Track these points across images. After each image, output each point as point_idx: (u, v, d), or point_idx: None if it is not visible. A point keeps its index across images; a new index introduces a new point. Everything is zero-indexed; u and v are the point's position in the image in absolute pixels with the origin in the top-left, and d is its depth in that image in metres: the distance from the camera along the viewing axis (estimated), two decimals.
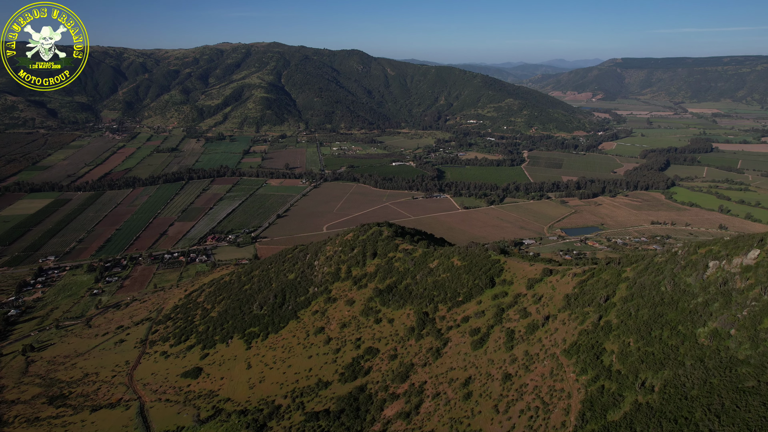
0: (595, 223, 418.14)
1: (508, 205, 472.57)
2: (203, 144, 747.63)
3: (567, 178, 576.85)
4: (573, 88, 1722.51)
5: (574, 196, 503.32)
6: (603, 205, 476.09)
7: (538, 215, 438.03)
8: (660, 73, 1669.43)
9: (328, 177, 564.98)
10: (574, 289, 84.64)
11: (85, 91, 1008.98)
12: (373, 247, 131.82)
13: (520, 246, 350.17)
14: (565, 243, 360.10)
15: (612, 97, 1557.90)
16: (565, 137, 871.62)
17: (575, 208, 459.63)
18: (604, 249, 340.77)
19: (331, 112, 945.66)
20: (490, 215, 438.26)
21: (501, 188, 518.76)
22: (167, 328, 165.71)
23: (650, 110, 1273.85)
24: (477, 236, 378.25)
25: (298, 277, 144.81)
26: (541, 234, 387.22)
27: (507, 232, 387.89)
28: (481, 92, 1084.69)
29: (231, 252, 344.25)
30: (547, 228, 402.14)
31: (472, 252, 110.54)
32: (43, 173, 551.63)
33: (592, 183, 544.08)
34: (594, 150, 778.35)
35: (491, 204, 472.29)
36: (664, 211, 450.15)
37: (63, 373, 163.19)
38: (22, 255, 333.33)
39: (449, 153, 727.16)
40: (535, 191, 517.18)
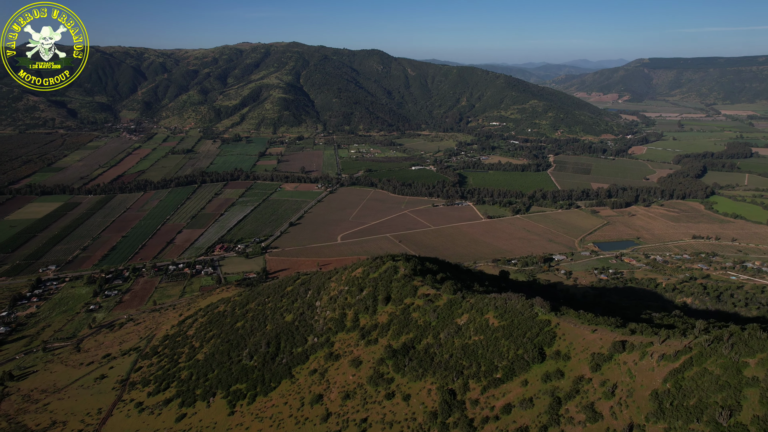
0: (631, 236, 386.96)
1: (535, 214, 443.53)
2: (219, 145, 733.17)
3: (597, 185, 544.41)
4: (598, 89, 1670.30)
5: (606, 206, 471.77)
6: (637, 215, 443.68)
7: (568, 227, 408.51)
8: (690, 73, 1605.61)
9: (345, 182, 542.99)
10: (666, 383, 59.79)
11: (105, 91, 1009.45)
12: (386, 289, 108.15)
13: (550, 262, 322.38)
14: (599, 259, 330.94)
15: (639, 98, 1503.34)
16: (592, 141, 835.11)
17: (607, 219, 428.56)
18: (643, 267, 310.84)
19: (350, 114, 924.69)
20: (516, 226, 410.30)
21: (527, 196, 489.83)
22: (151, 367, 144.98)
23: (680, 112, 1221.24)
24: (502, 250, 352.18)
25: (296, 320, 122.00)
26: (572, 248, 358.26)
27: (535, 246, 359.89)
28: (504, 93, 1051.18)
29: (239, 264, 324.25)
30: (578, 241, 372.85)
31: (512, 307, 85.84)
32: (56, 175, 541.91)
33: (624, 191, 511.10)
34: (624, 154, 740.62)
35: (516, 213, 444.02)
36: (705, 223, 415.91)
37: (32, 417, 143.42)
38: (23, 264, 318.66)
39: (471, 157, 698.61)
40: (563, 199, 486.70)
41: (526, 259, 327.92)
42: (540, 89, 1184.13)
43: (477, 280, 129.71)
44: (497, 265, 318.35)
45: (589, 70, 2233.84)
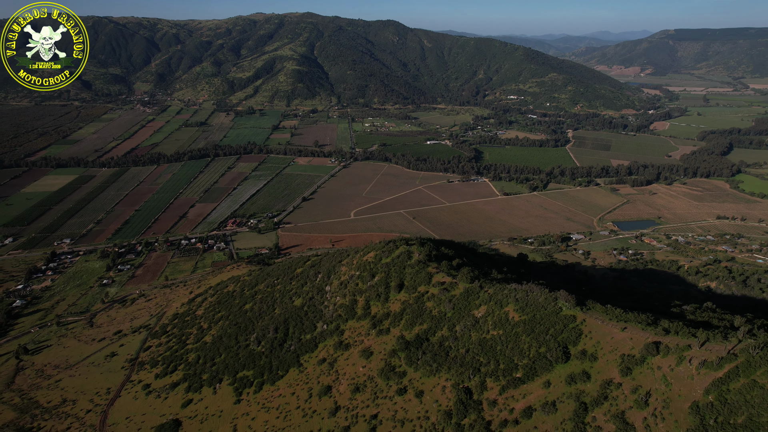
0: (651, 215, 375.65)
1: (553, 191, 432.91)
2: (232, 118, 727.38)
3: (617, 161, 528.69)
4: (620, 62, 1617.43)
5: (626, 183, 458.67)
6: (658, 194, 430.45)
7: (587, 205, 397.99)
8: (718, 45, 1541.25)
9: (359, 156, 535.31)
10: (708, 394, 53.93)
11: (119, 63, 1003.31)
12: (399, 275, 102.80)
13: (568, 242, 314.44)
14: (618, 239, 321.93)
15: (662, 71, 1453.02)
16: (612, 116, 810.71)
17: (627, 198, 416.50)
18: (664, 248, 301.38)
19: (365, 86, 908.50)
20: (533, 203, 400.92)
21: (544, 172, 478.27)
22: (159, 347, 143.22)
23: (706, 86, 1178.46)
24: (519, 228, 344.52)
25: (305, 305, 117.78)
26: (591, 227, 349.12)
27: (552, 224, 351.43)
28: (523, 66, 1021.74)
29: (251, 239, 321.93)
30: (597, 220, 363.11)
31: (534, 300, 79.92)
32: (71, 147, 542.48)
33: (645, 168, 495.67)
34: (645, 130, 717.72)
35: (534, 190, 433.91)
36: (730, 203, 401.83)
37: (44, 394, 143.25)
38: (39, 237, 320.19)
39: (488, 131, 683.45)
40: (582, 176, 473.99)
41: (543, 238, 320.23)
42: (559, 62, 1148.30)
43: (495, 265, 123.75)
44: (513, 243, 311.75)
45: (611, 42, 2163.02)
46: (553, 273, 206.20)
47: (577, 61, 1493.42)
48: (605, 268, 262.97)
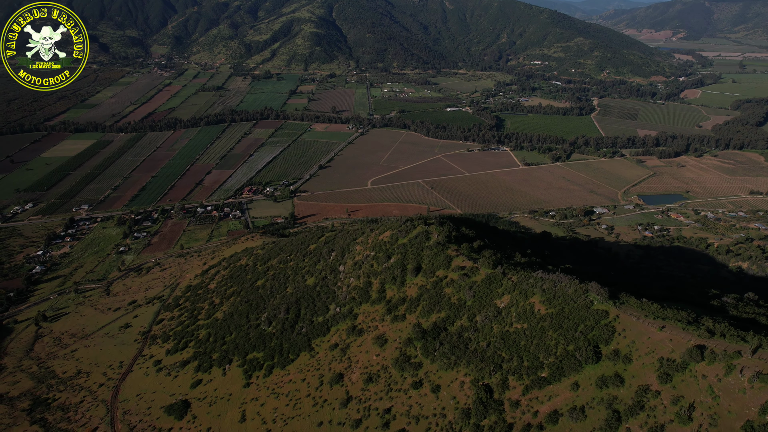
0: (679, 189, 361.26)
1: (576, 162, 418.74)
2: (249, 82, 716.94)
3: (644, 132, 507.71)
4: (650, 26, 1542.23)
5: (653, 155, 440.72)
6: (687, 166, 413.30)
7: (611, 177, 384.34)
8: (759, 6, 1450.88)
9: (377, 123, 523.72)
10: (766, 414, 47.79)
11: (136, 25, 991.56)
12: (416, 257, 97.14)
13: (591, 215, 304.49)
14: (643, 214, 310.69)
15: (696, 35, 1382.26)
16: (640, 83, 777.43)
17: (654, 170, 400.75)
18: (692, 224, 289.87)
19: (384, 50, 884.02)
20: (555, 174, 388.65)
21: (568, 142, 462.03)
22: (172, 320, 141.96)
23: (743, 51, 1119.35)
24: (540, 200, 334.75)
25: (318, 284, 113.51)
26: (615, 200, 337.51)
27: (575, 197, 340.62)
28: (548, 30, 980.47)
29: (267, 207, 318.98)
30: (622, 193, 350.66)
31: (563, 292, 73.70)
32: (89, 112, 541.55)
33: (673, 139, 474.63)
34: (675, 99, 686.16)
35: (556, 161, 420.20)
36: (765, 177, 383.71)
37: (60, 364, 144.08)
38: (58, 202, 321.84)
39: (510, 98, 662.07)
40: (606, 147, 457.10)
41: (565, 211, 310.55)
42: (586, 26, 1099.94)
43: (518, 245, 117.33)
44: (534, 216, 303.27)
45: (642, 4, 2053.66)
46: (576, 251, 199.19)
47: (604, 24, 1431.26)
48: (629, 245, 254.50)
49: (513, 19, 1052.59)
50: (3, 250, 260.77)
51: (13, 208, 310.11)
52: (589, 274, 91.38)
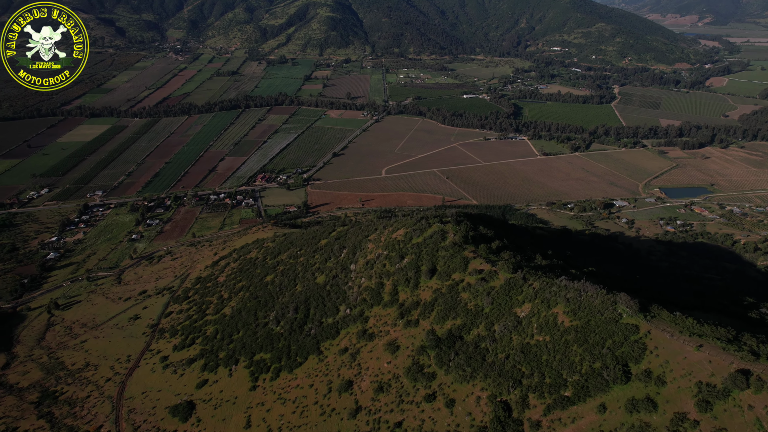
0: (703, 182, 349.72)
1: (596, 153, 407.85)
2: (264, 67, 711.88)
3: (666, 121, 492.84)
4: (675, 10, 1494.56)
5: (676, 146, 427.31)
6: (712, 158, 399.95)
7: (632, 168, 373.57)
8: None
9: (392, 110, 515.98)
10: None
11: (152, 9, 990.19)
12: (431, 258, 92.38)
13: (610, 208, 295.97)
14: (665, 208, 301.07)
15: (723, 20, 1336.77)
16: (664, 70, 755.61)
17: (677, 162, 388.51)
18: (717, 220, 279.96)
19: (400, 35, 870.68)
20: (574, 165, 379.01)
21: (587, 132, 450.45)
22: (180, 314, 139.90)
23: None
24: (558, 191, 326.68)
25: (328, 283, 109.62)
26: (636, 193, 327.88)
27: (594, 189, 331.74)
28: (569, 15, 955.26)
29: (280, 195, 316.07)
30: (643, 185, 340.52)
31: (588, 303, 68.46)
32: (105, 96, 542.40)
33: (698, 129, 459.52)
34: (700, 87, 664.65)
35: (575, 150, 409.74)
36: None
37: (69, 355, 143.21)
38: (72, 188, 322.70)
39: (528, 85, 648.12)
40: (627, 137, 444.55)
41: (584, 203, 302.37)
42: (608, 11, 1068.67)
43: (537, 244, 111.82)
44: (552, 209, 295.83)
45: None
46: (596, 247, 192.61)
47: (626, 9, 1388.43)
48: (651, 240, 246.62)
49: (533, 3, 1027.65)
50: (19, 236, 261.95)
51: (29, 193, 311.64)
52: (616, 280, 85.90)
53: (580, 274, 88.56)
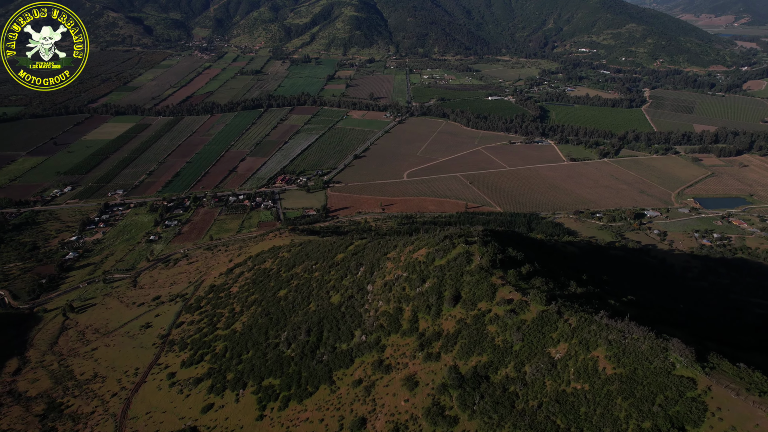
0: (741, 192, 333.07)
1: (625, 159, 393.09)
2: (288, 67, 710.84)
3: (701, 127, 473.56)
4: (709, 10, 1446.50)
5: (711, 153, 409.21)
6: (750, 166, 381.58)
7: (664, 176, 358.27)
8: None
9: (415, 111, 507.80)
10: None
11: (179, 7, 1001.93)
12: (455, 283, 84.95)
13: (641, 219, 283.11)
14: (700, 219, 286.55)
15: (762, 20, 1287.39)
16: (698, 73, 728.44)
17: (712, 170, 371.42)
18: (757, 233, 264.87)
19: (425, 35, 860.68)
20: (603, 172, 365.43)
21: (617, 137, 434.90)
22: (191, 324, 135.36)
23: None
24: (586, 200, 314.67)
25: (343, 304, 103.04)
26: (668, 202, 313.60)
27: (623, 197, 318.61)
28: (598, 15, 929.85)
29: (299, 198, 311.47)
30: (676, 195, 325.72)
31: (634, 347, 60.06)
32: (130, 94, 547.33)
33: (735, 136, 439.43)
34: (736, 90, 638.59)
35: (604, 156, 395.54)
36: None
37: (79, 363, 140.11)
38: (94, 186, 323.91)
39: (555, 87, 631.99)
40: (659, 143, 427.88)
41: (613, 213, 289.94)
42: (639, 11, 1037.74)
43: (570, 267, 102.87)
44: (579, 218, 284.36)
45: None
46: (628, 262, 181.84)
47: (658, 9, 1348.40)
48: (685, 254, 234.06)
49: (561, 3, 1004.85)
50: (40, 234, 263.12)
51: (53, 191, 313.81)
52: (660, 312, 76.99)
53: (620, 305, 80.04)
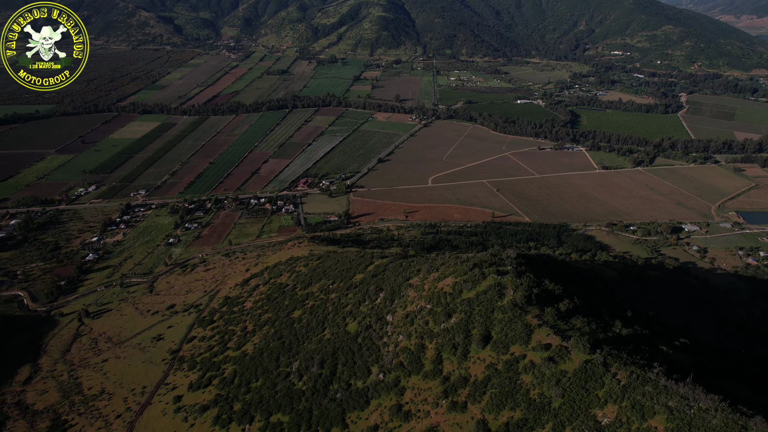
0: None
1: (661, 168, 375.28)
2: (314, 67, 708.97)
3: (743, 134, 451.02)
4: (751, 11, 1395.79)
5: (754, 162, 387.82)
6: None
7: (703, 187, 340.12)
8: None
9: (442, 114, 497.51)
10: None
11: (209, 7, 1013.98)
12: (485, 320, 75.76)
13: (679, 233, 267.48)
14: (744, 235, 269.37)
15: None
16: (739, 77, 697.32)
17: (756, 181, 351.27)
18: None
19: (453, 36, 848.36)
20: (637, 181, 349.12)
21: (651, 144, 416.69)
22: (203, 340, 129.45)
23: None
24: (619, 211, 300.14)
25: (360, 334, 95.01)
26: (708, 216, 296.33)
27: (659, 210, 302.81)
28: (632, 16, 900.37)
29: (321, 202, 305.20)
30: (716, 208, 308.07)
31: (703, 419, 50.17)
32: (158, 93, 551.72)
33: None
34: None
35: (638, 165, 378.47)
36: None
37: (88, 376, 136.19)
38: (118, 186, 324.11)
39: (586, 91, 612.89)
40: (697, 151, 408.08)
41: (649, 226, 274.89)
42: (676, 12, 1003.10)
43: (612, 302, 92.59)
44: (612, 231, 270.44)
45: None
46: (666, 284, 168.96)
47: (696, 10, 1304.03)
48: (729, 274, 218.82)
49: (593, 4, 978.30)
50: (63, 234, 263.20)
51: (78, 190, 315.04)
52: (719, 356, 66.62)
53: (673, 352, 69.87)
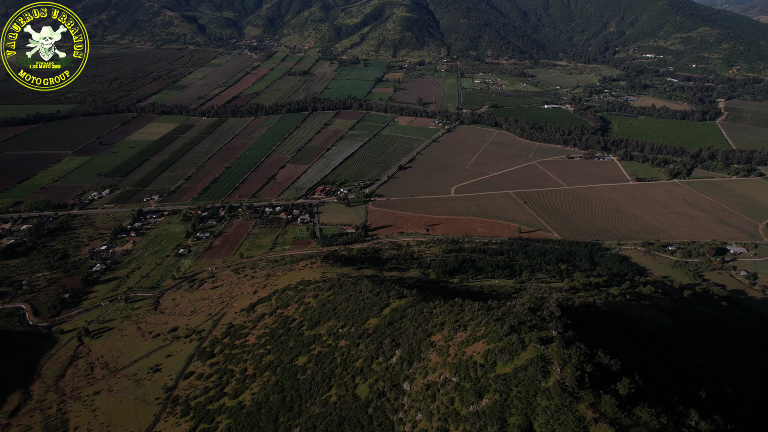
0: None
1: (700, 181, 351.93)
2: (336, 68, 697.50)
3: None
4: None
5: None
6: None
7: (747, 203, 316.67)
8: None
9: (465, 118, 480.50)
10: None
11: (233, 6, 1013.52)
12: (525, 406, 60.34)
13: (723, 255, 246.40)
14: None
15: None
16: None
17: None
18: None
19: (478, 37, 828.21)
20: (674, 195, 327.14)
21: (689, 154, 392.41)
22: (200, 379, 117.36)
23: None
24: (655, 228, 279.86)
25: (370, 403, 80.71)
26: (755, 236, 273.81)
27: (700, 228, 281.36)
28: (665, 18, 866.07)
29: (338, 212, 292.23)
30: (764, 226, 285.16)
31: None
32: (178, 94, 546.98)
33: None
34: None
35: (674, 177, 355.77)
36: None
37: (77, 411, 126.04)
38: (132, 190, 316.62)
39: (617, 96, 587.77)
40: (739, 163, 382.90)
41: (689, 247, 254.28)
42: (713, 13, 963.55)
43: (678, 373, 76.37)
44: (649, 251, 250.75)
45: None
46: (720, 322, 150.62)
47: (734, 10, 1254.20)
48: None
49: (624, 5, 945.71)
50: (72, 241, 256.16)
51: (92, 194, 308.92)
52: None
53: None
